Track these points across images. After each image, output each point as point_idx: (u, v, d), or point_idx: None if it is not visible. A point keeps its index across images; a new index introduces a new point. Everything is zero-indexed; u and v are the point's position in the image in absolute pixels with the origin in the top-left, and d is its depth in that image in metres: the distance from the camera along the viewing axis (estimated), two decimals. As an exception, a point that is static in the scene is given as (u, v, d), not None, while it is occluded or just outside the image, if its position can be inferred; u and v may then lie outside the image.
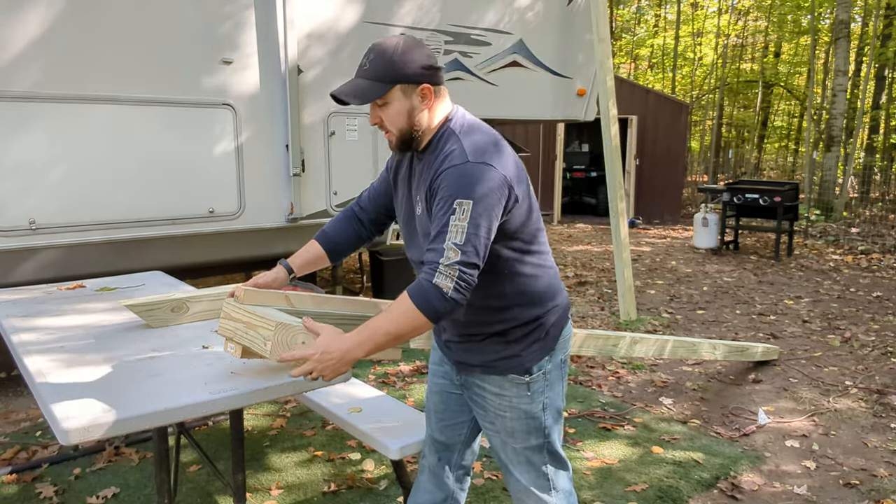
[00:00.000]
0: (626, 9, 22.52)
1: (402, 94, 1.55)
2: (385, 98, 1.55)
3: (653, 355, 3.52)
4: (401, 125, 1.57)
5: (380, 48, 1.55)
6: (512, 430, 1.74)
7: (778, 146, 21.56)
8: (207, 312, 2.20)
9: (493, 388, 1.72)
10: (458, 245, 1.44)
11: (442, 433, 1.92)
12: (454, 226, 1.45)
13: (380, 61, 1.53)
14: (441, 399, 1.90)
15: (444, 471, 1.93)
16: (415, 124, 1.58)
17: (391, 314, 1.48)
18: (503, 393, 1.71)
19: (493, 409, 1.74)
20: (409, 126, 1.58)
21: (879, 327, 5.41)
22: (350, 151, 4.71)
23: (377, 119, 1.59)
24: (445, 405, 1.89)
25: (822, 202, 11.45)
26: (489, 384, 1.73)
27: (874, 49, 12.78)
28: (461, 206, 1.45)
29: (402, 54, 1.53)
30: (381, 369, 4.32)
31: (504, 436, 1.76)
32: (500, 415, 1.74)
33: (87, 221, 3.69)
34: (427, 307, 1.45)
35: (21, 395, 3.89)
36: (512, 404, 1.71)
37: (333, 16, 4.52)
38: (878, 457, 3.17)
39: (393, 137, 1.60)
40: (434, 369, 1.93)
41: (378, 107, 1.57)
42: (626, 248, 5.45)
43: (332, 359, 1.46)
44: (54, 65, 3.51)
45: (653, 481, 2.90)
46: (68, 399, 1.48)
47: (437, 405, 1.91)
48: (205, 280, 5.46)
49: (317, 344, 1.48)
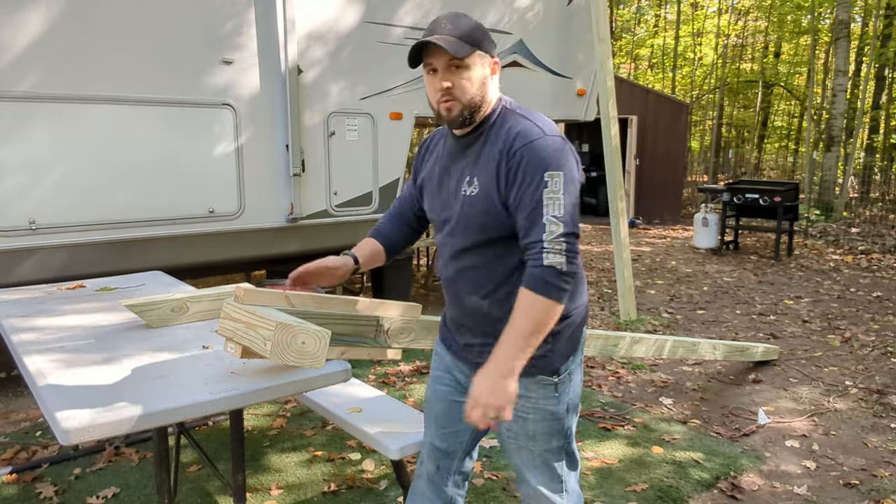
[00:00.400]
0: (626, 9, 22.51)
1: (479, 60, 1.53)
2: (466, 60, 1.50)
3: (653, 355, 3.52)
4: (472, 93, 1.52)
5: (455, 14, 1.53)
6: (533, 433, 1.68)
7: (778, 146, 21.56)
8: (207, 312, 2.20)
9: (519, 390, 1.63)
10: (557, 217, 1.43)
11: (443, 440, 1.86)
12: (549, 198, 1.43)
13: (462, 24, 1.50)
14: (445, 407, 1.83)
15: (443, 479, 1.88)
16: (484, 95, 1.55)
17: (520, 315, 1.45)
18: (529, 395, 1.66)
19: (515, 413, 1.66)
20: (479, 96, 1.53)
21: (879, 327, 5.41)
22: (350, 151, 4.71)
23: (448, 83, 1.51)
24: (449, 413, 1.83)
25: (822, 202, 11.45)
26: (522, 389, 1.65)
27: (874, 49, 12.78)
28: (553, 178, 1.44)
29: (479, 25, 1.53)
30: (381, 369, 4.32)
31: (523, 439, 1.70)
32: (522, 417, 1.68)
33: (87, 221, 3.69)
34: (550, 291, 1.43)
35: (21, 395, 3.89)
36: (538, 406, 1.66)
37: (334, 16, 4.52)
38: (878, 457, 3.17)
39: (457, 107, 1.53)
40: (438, 376, 1.86)
41: (454, 69, 1.50)
42: (626, 248, 5.45)
43: (494, 397, 1.45)
44: (54, 65, 3.52)
45: (653, 481, 2.89)
46: (68, 399, 1.48)
47: (440, 413, 1.85)
48: (205, 280, 5.46)
49: (473, 398, 1.48)
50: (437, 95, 1.54)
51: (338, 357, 1.76)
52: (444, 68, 1.51)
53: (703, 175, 17.26)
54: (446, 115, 1.55)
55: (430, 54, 1.52)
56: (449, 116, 1.55)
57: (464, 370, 1.78)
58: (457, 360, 1.79)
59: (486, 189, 1.53)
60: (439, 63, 1.51)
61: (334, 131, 4.61)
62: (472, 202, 1.55)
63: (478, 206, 1.54)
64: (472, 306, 1.66)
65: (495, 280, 1.61)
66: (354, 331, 1.80)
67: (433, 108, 1.58)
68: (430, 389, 1.89)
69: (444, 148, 1.70)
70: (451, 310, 1.75)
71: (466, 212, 1.57)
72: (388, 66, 4.84)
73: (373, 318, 1.82)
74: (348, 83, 4.65)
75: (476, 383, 1.49)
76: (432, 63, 1.52)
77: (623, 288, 5.46)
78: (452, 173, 1.64)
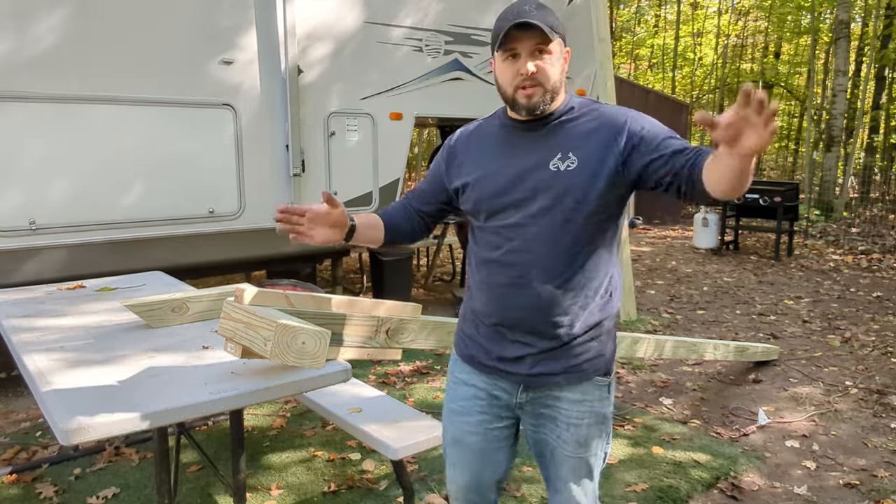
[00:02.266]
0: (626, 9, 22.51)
1: (560, 47, 1.52)
2: (551, 46, 1.48)
3: (653, 355, 3.52)
4: (555, 78, 1.50)
5: (534, 1, 1.50)
6: (586, 438, 1.60)
7: (778, 146, 21.56)
8: (207, 312, 2.20)
9: (575, 395, 1.58)
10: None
11: (477, 476, 1.70)
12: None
13: (547, 12, 1.49)
14: (482, 438, 1.66)
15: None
16: (563, 82, 1.54)
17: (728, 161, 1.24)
18: (585, 398, 1.58)
19: (568, 420, 1.59)
20: (560, 82, 1.52)
21: (879, 327, 5.41)
22: (350, 151, 4.71)
23: (534, 68, 1.47)
24: (485, 443, 1.66)
25: (823, 202, 11.45)
26: (569, 392, 1.58)
27: (874, 49, 12.78)
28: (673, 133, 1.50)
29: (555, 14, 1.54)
30: (381, 369, 4.32)
31: (574, 447, 1.60)
32: (574, 424, 1.59)
33: (88, 221, 3.69)
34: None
35: (21, 395, 3.89)
36: (593, 409, 1.59)
37: (334, 16, 4.52)
38: (879, 457, 3.17)
39: (539, 92, 1.49)
40: (465, 407, 1.67)
41: (540, 53, 1.48)
42: (626, 248, 5.45)
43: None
44: (54, 65, 3.52)
45: (653, 481, 2.89)
46: (68, 399, 1.48)
47: (477, 448, 1.67)
48: (205, 280, 5.46)
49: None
50: (516, 80, 1.49)
51: (338, 357, 1.76)
52: (529, 53, 1.47)
53: (704, 175, 17.21)
54: (525, 102, 1.50)
55: (515, 39, 1.47)
56: (529, 102, 1.50)
57: (506, 387, 1.63)
58: (495, 379, 1.63)
59: (588, 162, 1.50)
60: (524, 48, 1.47)
61: (334, 131, 4.61)
62: (570, 176, 1.50)
63: (575, 178, 1.50)
64: (542, 297, 1.53)
65: (574, 266, 1.53)
66: (354, 331, 1.80)
67: (507, 95, 1.53)
68: (454, 427, 1.70)
69: (494, 139, 1.62)
70: (501, 313, 1.58)
71: (560, 185, 1.51)
72: (388, 67, 4.84)
73: (373, 319, 1.82)
74: (348, 83, 4.66)
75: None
76: (515, 48, 1.48)
77: (623, 288, 5.46)
78: (525, 156, 1.56)
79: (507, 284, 1.56)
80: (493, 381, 1.63)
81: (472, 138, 1.67)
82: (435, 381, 4.10)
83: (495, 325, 1.59)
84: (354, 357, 1.80)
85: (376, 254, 5.58)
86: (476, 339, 1.65)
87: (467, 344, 1.67)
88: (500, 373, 1.61)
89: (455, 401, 1.70)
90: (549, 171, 1.51)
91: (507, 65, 1.50)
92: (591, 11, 5.29)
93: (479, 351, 1.64)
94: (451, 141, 1.72)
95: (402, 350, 1.94)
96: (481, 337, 1.63)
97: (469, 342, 1.67)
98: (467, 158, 1.65)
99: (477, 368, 1.65)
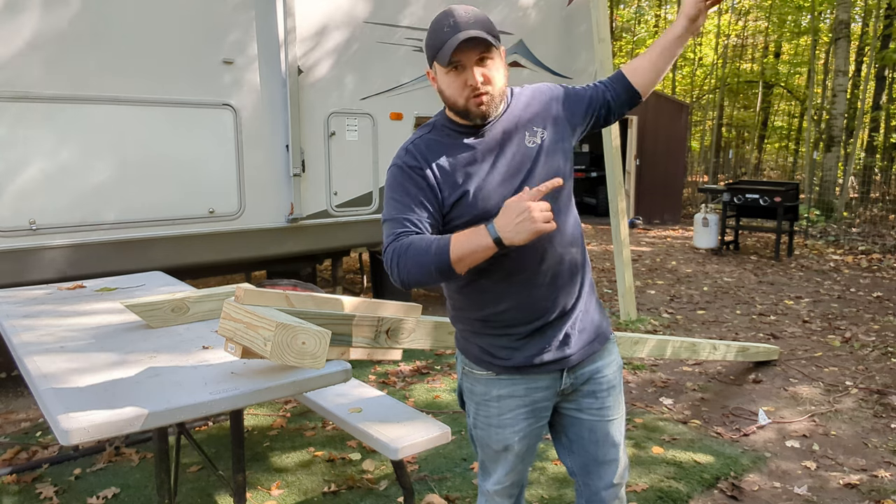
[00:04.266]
0: (626, 9, 22.50)
1: (500, 51, 1.54)
2: (494, 53, 1.51)
3: (653, 355, 3.52)
4: (502, 82, 1.54)
5: (465, 8, 1.51)
6: (618, 393, 1.74)
7: (778, 146, 21.57)
8: (207, 313, 2.20)
9: (611, 357, 1.73)
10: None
11: (522, 474, 1.79)
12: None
13: (481, 19, 1.50)
14: (529, 440, 1.71)
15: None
16: (507, 81, 1.57)
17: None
18: (616, 357, 1.76)
19: (611, 383, 1.71)
20: (505, 82, 1.56)
21: (880, 327, 5.41)
22: (350, 151, 4.71)
23: (482, 77, 1.48)
24: (530, 442, 1.72)
25: (823, 202, 11.45)
26: (607, 355, 1.72)
27: (874, 49, 12.78)
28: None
29: (486, 15, 1.55)
30: (381, 369, 4.32)
31: (616, 409, 1.73)
32: (614, 386, 1.72)
33: (88, 222, 3.69)
34: None
35: (21, 396, 3.89)
36: (620, 364, 1.77)
37: (334, 16, 4.52)
38: (879, 457, 3.17)
39: (491, 99, 1.51)
40: (511, 419, 1.67)
41: (485, 62, 1.49)
42: (626, 248, 5.44)
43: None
44: (54, 65, 3.52)
45: (653, 481, 2.89)
46: (68, 399, 1.48)
47: (524, 448, 1.72)
48: (205, 280, 5.47)
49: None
50: (466, 91, 1.49)
51: (338, 357, 1.76)
52: (474, 63, 1.48)
53: (704, 175, 17.26)
54: (479, 111, 1.50)
55: (458, 51, 1.45)
56: (484, 111, 1.51)
57: (547, 383, 1.66)
58: (535, 378, 1.65)
59: (556, 124, 1.62)
60: (468, 59, 1.47)
61: (334, 131, 4.61)
62: (549, 147, 1.59)
63: (556, 141, 1.61)
64: (568, 260, 1.62)
65: (579, 232, 1.68)
66: (355, 331, 1.80)
67: (457, 106, 1.51)
68: (502, 438, 1.69)
69: (461, 147, 1.56)
70: (541, 303, 1.59)
71: (548, 159, 1.58)
72: (388, 67, 4.84)
73: (373, 319, 1.82)
74: (348, 83, 4.66)
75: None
76: (460, 60, 1.47)
77: (623, 288, 5.46)
78: (502, 156, 1.56)
79: (537, 281, 1.59)
80: (533, 381, 1.65)
81: (434, 152, 1.56)
82: (435, 381, 4.10)
83: (533, 322, 1.61)
84: (354, 357, 1.80)
85: (376, 254, 5.58)
86: (511, 346, 1.63)
87: (502, 357, 1.64)
88: (547, 366, 1.63)
89: (497, 417, 1.68)
90: (531, 148, 1.58)
91: (451, 77, 1.50)
92: (592, 12, 5.29)
93: (520, 356, 1.62)
94: (409, 162, 1.56)
95: (402, 350, 1.95)
96: (517, 341, 1.62)
97: (503, 351, 1.63)
98: (442, 172, 1.54)
99: (521, 373, 1.64)
